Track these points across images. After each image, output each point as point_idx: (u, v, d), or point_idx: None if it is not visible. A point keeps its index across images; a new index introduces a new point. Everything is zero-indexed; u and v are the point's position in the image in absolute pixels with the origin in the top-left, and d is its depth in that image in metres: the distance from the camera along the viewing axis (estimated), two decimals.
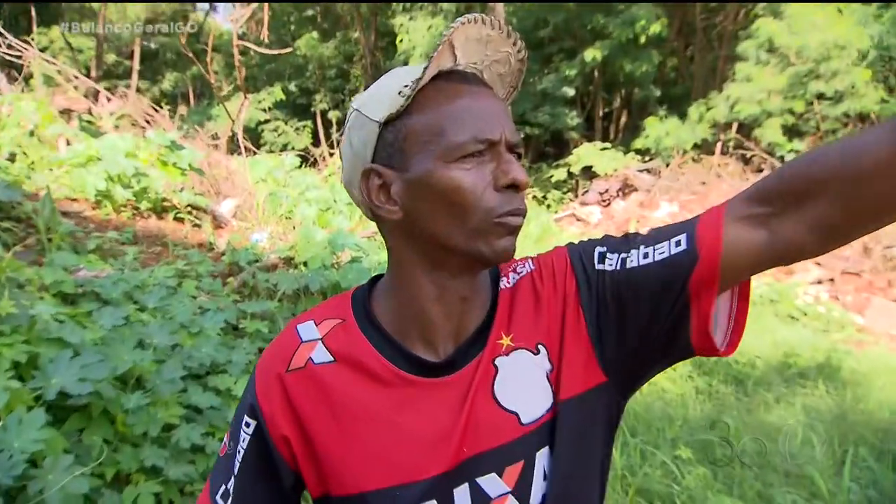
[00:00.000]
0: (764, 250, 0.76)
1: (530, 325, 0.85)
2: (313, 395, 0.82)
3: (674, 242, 0.80)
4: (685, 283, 0.78)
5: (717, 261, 0.77)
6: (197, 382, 2.91)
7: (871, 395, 4.48)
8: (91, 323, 2.83)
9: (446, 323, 0.83)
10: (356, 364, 0.83)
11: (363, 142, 0.80)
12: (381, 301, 0.86)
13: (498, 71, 0.84)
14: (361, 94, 0.84)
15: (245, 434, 0.85)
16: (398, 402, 0.81)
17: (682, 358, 0.83)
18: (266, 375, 0.85)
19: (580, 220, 10.94)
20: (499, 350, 0.84)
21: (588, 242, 0.89)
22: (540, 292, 0.86)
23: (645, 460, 3.26)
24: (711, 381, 4.56)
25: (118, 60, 23.69)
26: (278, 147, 18.81)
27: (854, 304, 7.37)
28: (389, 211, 0.79)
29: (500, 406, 0.82)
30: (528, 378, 0.83)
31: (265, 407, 0.84)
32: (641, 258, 0.81)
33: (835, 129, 14.50)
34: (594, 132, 17.96)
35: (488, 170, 0.77)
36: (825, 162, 0.72)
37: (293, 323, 0.88)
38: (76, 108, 6.99)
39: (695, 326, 0.79)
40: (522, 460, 0.81)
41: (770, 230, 0.76)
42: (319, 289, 4.36)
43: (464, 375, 0.82)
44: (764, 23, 13.14)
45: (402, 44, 18.18)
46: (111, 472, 2.27)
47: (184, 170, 5.88)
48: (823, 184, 0.71)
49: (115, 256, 4.12)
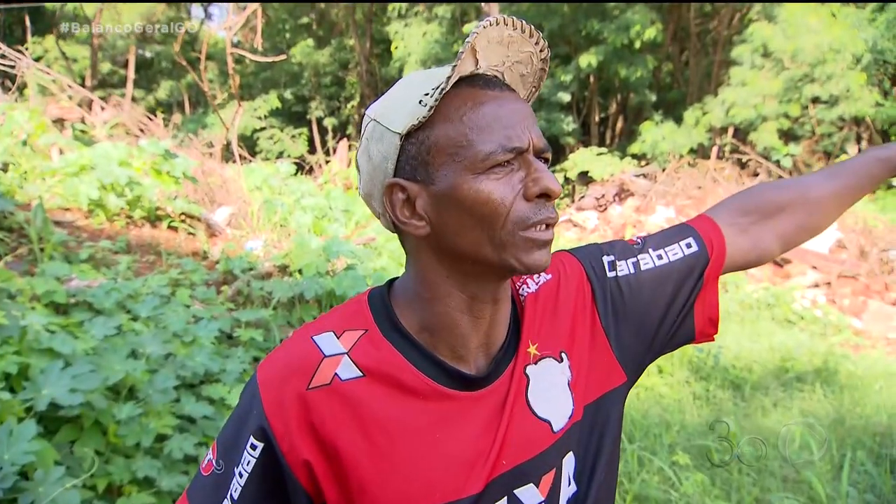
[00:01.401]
0: (747, 252, 0.97)
1: (553, 333, 0.86)
2: (342, 415, 0.76)
3: (684, 245, 0.93)
4: (699, 278, 0.92)
5: (723, 260, 0.94)
6: (190, 392, 2.89)
7: (869, 398, 4.47)
8: (83, 333, 2.81)
9: (476, 334, 0.80)
10: (389, 378, 0.78)
11: (384, 155, 0.76)
12: (406, 310, 0.81)
13: (520, 72, 0.82)
14: (378, 103, 0.80)
15: (249, 456, 0.77)
16: (438, 418, 0.78)
17: (682, 344, 0.96)
18: (279, 393, 0.77)
19: (577, 226, 10.94)
20: (528, 359, 0.84)
21: (593, 249, 0.95)
22: (558, 300, 0.88)
23: (643, 466, 3.24)
24: (709, 387, 4.55)
25: (113, 69, 23.66)
26: (274, 155, 18.81)
27: (851, 308, 7.37)
28: (416, 227, 0.76)
29: (535, 415, 0.82)
30: (555, 386, 0.84)
31: (278, 428, 0.76)
32: (656, 259, 0.92)
33: (830, 133, 14.55)
34: (590, 137, 18.00)
35: (517, 179, 0.74)
36: (790, 191, 1.02)
37: (305, 334, 0.81)
38: (69, 117, 6.97)
39: (701, 315, 0.94)
40: (554, 468, 0.82)
41: (750, 237, 0.97)
42: (314, 296, 4.34)
43: (498, 387, 0.81)
44: (758, 27, 13.20)
45: (397, 51, 18.22)
46: (103, 484, 2.25)
47: (178, 178, 5.86)
48: (788, 207, 1.00)
49: (107, 266, 4.10)
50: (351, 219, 8.08)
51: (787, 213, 0.99)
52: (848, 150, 15.57)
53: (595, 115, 18.50)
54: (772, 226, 0.99)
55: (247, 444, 0.78)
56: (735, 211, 0.99)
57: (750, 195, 1.02)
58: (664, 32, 15.94)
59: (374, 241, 6.65)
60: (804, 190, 1.01)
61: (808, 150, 15.72)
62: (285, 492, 0.78)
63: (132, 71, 18.85)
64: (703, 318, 0.94)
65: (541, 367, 0.84)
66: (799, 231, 1.01)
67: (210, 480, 0.81)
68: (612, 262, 0.92)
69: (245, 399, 0.80)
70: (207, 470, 0.82)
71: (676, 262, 0.92)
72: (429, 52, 17.09)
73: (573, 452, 0.84)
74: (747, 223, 0.98)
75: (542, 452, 0.81)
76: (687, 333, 0.94)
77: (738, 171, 12.61)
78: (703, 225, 0.96)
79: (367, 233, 7.11)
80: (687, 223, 0.98)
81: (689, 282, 0.92)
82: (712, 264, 0.93)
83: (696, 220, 0.98)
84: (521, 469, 0.80)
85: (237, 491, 0.78)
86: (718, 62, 16.40)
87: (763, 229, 0.98)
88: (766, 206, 0.99)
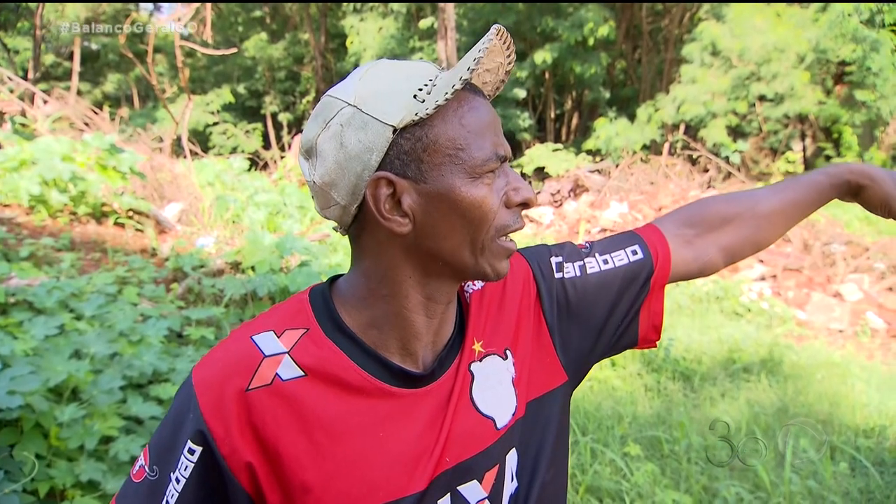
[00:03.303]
0: (690, 263, 0.99)
1: (497, 330, 0.87)
2: (283, 416, 0.74)
3: (630, 251, 0.95)
4: (643, 285, 0.94)
5: (668, 268, 0.96)
6: (138, 392, 2.82)
7: (811, 387, 4.62)
8: (23, 333, 2.73)
9: (427, 332, 0.81)
10: (331, 378, 0.76)
11: (367, 145, 0.72)
12: (351, 308, 0.80)
13: (483, 79, 0.81)
14: (354, 88, 0.74)
15: (187, 461, 0.74)
16: (381, 417, 0.77)
17: (624, 349, 0.97)
18: (217, 393, 0.74)
19: (532, 221, 11.03)
20: (473, 356, 0.84)
21: (542, 250, 0.96)
22: (504, 297, 0.89)
23: (595, 458, 3.29)
24: (660, 378, 4.64)
25: (57, 61, 22.91)
26: (227, 150, 18.48)
27: (795, 300, 7.60)
28: (399, 223, 0.74)
29: (478, 412, 0.82)
30: (499, 383, 0.84)
31: (217, 430, 0.73)
32: (602, 264, 0.94)
33: (776, 131, 14.98)
34: (546, 133, 18.17)
35: (499, 186, 0.76)
36: (737, 205, 1.03)
37: (244, 333, 0.78)
38: (9, 110, 6.72)
39: (645, 321, 0.95)
40: (497, 464, 0.82)
41: (694, 248, 0.99)
42: (267, 294, 4.29)
43: (442, 384, 0.81)
44: (707, 26, 13.49)
45: (352, 45, 18.08)
46: (45, 488, 2.19)
47: (124, 173, 5.71)
48: (735, 220, 1.01)
49: (50, 264, 3.98)
50: (306, 215, 8.00)
51: (733, 227, 1.01)
52: (793, 147, 16.07)
53: (550, 112, 18.68)
54: (716, 238, 1.01)
55: (184, 449, 0.75)
56: (681, 222, 1.01)
57: (698, 207, 1.03)
58: (617, 30, 16.18)
59: (329, 238, 6.60)
60: (752, 204, 1.03)
61: (755, 146, 16.17)
62: (225, 497, 0.75)
63: (77, 63, 18.25)
64: (647, 325, 0.96)
65: (485, 364, 0.84)
66: (744, 244, 1.02)
67: (143, 487, 0.77)
68: (560, 264, 0.94)
69: (180, 401, 0.77)
70: (139, 476, 0.78)
71: (622, 268, 0.94)
72: (384, 48, 17.01)
73: (516, 449, 0.84)
74: (692, 235, 1.00)
75: (486, 449, 0.81)
76: (630, 338, 0.96)
77: (689, 168, 12.89)
78: (649, 234, 0.98)
79: (322, 229, 7.05)
80: (634, 231, 1.00)
81: (634, 287, 0.94)
82: (658, 272, 0.95)
83: (643, 228, 1.00)
84: (465, 466, 0.80)
85: (174, 497, 0.75)
86: (670, 60, 16.72)
87: (707, 241, 1.00)
88: (712, 219, 1.01)
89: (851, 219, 9.60)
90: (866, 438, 3.68)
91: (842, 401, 4.34)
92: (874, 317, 6.86)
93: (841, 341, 6.38)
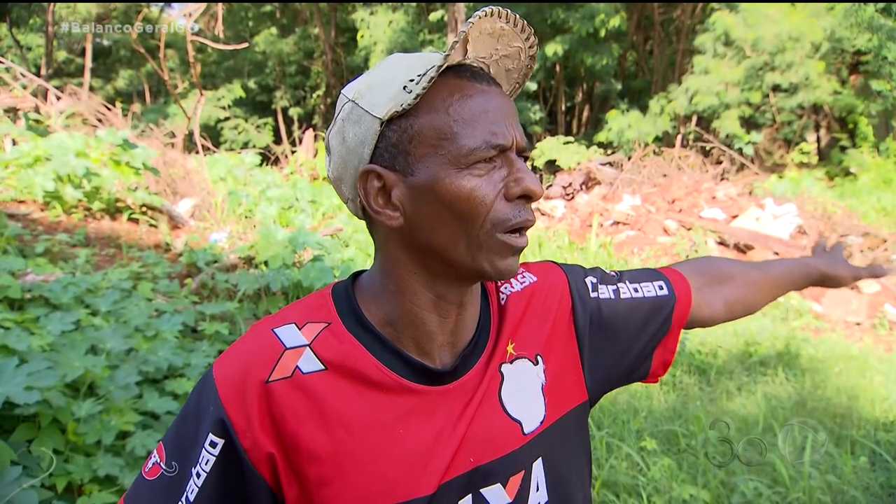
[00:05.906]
0: (703, 308, 1.03)
1: (532, 335, 0.86)
2: (302, 409, 0.73)
3: (657, 286, 0.98)
4: (664, 321, 0.96)
5: (689, 308, 0.99)
6: (153, 387, 2.83)
7: (829, 381, 4.57)
8: (39, 329, 2.73)
9: (442, 332, 0.78)
10: (351, 372, 0.75)
11: (361, 139, 0.73)
12: (371, 303, 0.79)
13: (506, 66, 0.79)
14: (357, 83, 0.76)
15: (208, 455, 0.73)
16: (401, 413, 0.75)
17: (633, 381, 0.98)
18: (238, 385, 0.73)
19: (544, 214, 10.97)
20: (504, 356, 0.82)
21: (577, 269, 0.97)
22: (541, 305, 0.88)
23: (611, 453, 3.26)
24: (675, 372, 4.60)
25: (69, 58, 23.03)
26: (239, 145, 18.54)
27: (811, 292, 7.53)
28: (389, 217, 0.73)
29: (507, 414, 0.80)
30: (529, 388, 0.83)
31: (239, 422, 0.72)
32: (633, 291, 0.96)
33: (790, 121, 14.84)
34: (557, 126, 18.09)
35: (499, 177, 0.73)
36: (735, 267, 1.11)
37: (267, 326, 0.78)
38: (22, 106, 6.75)
39: (659, 358, 0.97)
40: (523, 470, 0.80)
41: (703, 296, 1.03)
42: (281, 288, 4.29)
43: (465, 383, 0.79)
44: (720, 16, 13.36)
45: (363, 39, 18.04)
46: (62, 483, 2.19)
47: (138, 169, 5.72)
48: (736, 279, 1.09)
49: (65, 259, 3.99)
50: (318, 210, 8.00)
51: (734, 285, 1.09)
52: (807, 138, 15.91)
53: (561, 104, 18.59)
54: (722, 291, 1.07)
55: (205, 442, 0.73)
56: (693, 271, 1.06)
57: (706, 261, 1.11)
58: (628, 21, 16.06)
59: (342, 232, 6.60)
60: (746, 270, 1.12)
61: (769, 137, 16.03)
62: (244, 493, 0.74)
63: (89, 59, 18.33)
64: (659, 361, 0.98)
65: (516, 367, 0.83)
66: (739, 302, 1.09)
67: (159, 484, 0.76)
68: (595, 284, 0.94)
69: (201, 395, 0.76)
70: (153, 474, 0.76)
71: (650, 299, 0.96)
72: (395, 41, 16.96)
73: (543, 458, 0.82)
74: (703, 283, 1.04)
75: (511, 453, 0.79)
76: (643, 372, 0.97)
77: (702, 159, 12.78)
78: (672, 275, 1.01)
79: (334, 223, 7.05)
80: (657, 270, 1.03)
81: (657, 321, 0.96)
82: (679, 311, 0.97)
83: (665, 270, 1.04)
84: (488, 468, 0.78)
85: (193, 492, 0.73)
86: (682, 51, 16.59)
87: (714, 292, 1.06)
88: (718, 273, 1.08)
89: (868, 210, 9.49)
90: (886, 432, 3.64)
91: (860, 394, 4.29)
92: (892, 309, 6.78)
93: (858, 334, 6.30)
